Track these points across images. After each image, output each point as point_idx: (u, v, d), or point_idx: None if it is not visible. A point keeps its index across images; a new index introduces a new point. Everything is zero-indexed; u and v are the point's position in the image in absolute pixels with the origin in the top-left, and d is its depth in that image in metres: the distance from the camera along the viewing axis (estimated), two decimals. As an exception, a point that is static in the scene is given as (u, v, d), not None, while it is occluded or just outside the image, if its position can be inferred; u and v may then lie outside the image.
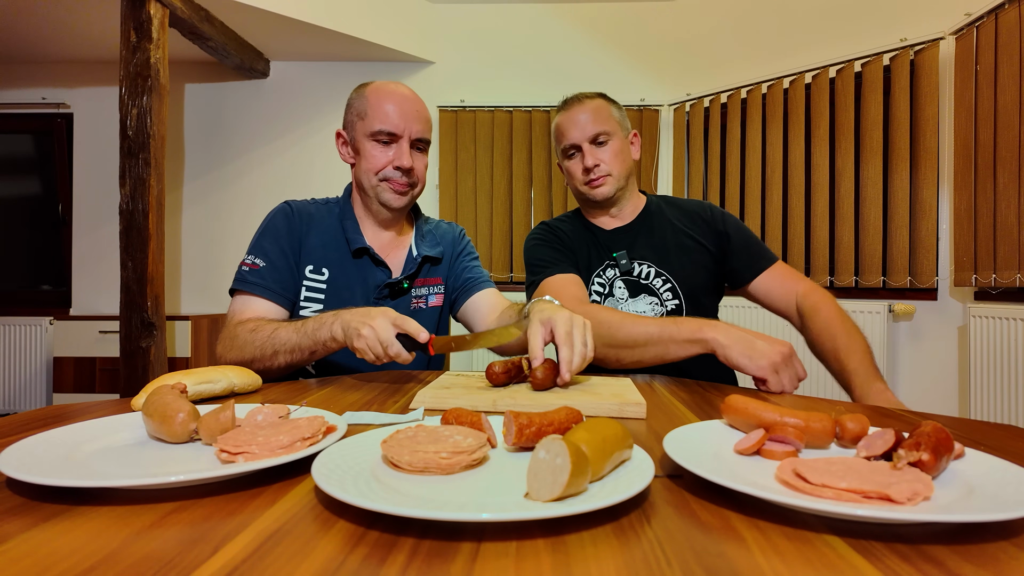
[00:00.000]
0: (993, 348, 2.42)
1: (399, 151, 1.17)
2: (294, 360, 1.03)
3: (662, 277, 1.32)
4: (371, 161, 1.18)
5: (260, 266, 1.15)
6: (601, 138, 1.31)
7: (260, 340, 1.04)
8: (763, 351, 0.95)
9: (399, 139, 1.17)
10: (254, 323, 1.07)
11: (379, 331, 0.91)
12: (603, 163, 1.31)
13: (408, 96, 1.19)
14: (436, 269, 1.31)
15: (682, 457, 0.48)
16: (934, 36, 2.67)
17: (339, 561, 0.34)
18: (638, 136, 1.41)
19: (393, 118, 1.16)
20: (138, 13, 2.73)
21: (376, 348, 0.91)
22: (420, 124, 1.19)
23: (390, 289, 1.23)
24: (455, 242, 1.36)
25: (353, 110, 1.21)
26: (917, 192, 2.75)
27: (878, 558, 0.35)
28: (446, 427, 0.54)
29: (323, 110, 3.83)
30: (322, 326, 0.99)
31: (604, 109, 1.33)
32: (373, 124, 1.16)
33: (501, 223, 3.70)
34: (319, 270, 1.20)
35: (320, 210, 1.26)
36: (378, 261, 1.22)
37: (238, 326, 1.08)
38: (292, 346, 1.02)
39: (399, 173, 1.18)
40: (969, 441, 0.61)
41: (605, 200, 1.33)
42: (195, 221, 3.87)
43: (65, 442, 0.55)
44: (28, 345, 3.70)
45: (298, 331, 1.01)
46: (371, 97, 1.18)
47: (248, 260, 1.16)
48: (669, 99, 3.63)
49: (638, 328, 1.06)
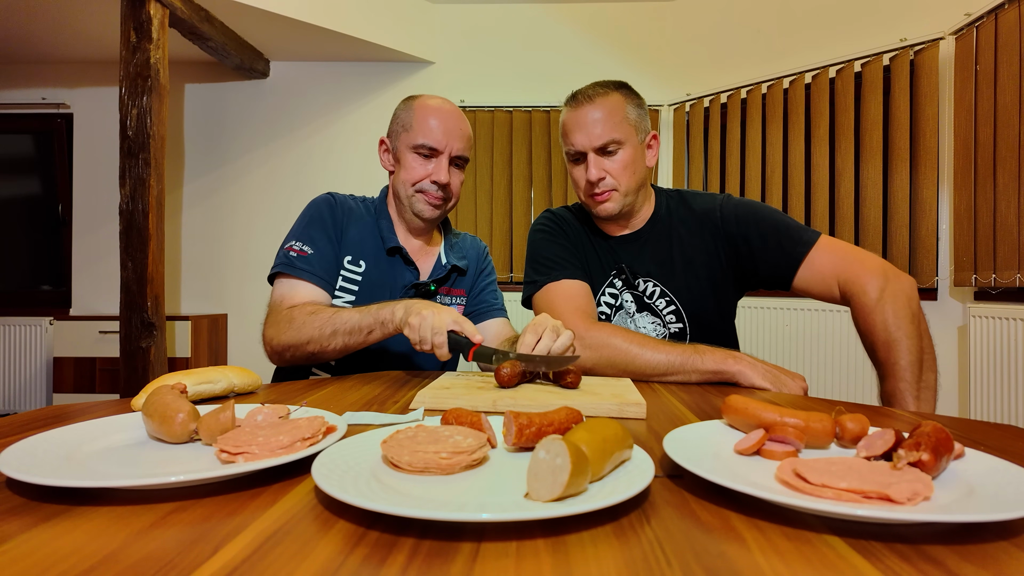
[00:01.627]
0: (993, 348, 2.42)
1: (438, 166, 1.20)
2: (351, 342, 1.05)
3: (666, 298, 1.24)
4: (410, 172, 1.21)
5: (308, 253, 1.17)
6: (610, 147, 1.16)
7: (320, 321, 1.05)
8: (788, 385, 0.98)
9: (440, 155, 1.20)
10: (313, 306, 1.09)
11: (436, 319, 0.93)
12: (609, 176, 1.17)
13: (453, 113, 1.22)
14: (461, 281, 1.33)
15: (682, 457, 0.48)
16: (934, 36, 2.67)
17: (339, 561, 0.34)
18: (657, 139, 1.24)
19: (436, 134, 1.19)
20: (138, 13, 2.73)
21: (425, 332, 0.93)
22: (462, 142, 1.22)
23: (416, 290, 1.25)
24: (479, 259, 1.39)
25: (399, 121, 1.24)
26: (917, 192, 2.75)
27: (878, 558, 0.35)
28: (446, 427, 0.54)
29: (323, 110, 3.83)
30: (385, 306, 1.03)
31: (618, 110, 1.17)
32: (416, 137, 1.19)
33: (501, 223, 3.70)
34: (356, 262, 1.22)
35: (359, 206, 1.29)
36: (408, 261, 1.25)
37: (294, 308, 1.10)
38: (352, 326, 1.04)
39: (435, 187, 1.20)
40: (969, 441, 0.61)
41: (608, 216, 1.22)
42: (195, 221, 3.87)
43: (65, 442, 0.55)
44: (28, 345, 3.70)
45: (362, 312, 1.04)
46: (418, 111, 1.21)
47: (296, 246, 1.17)
48: (669, 99, 3.63)
49: (659, 357, 1.02)
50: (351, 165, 3.78)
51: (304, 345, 1.06)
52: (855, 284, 1.07)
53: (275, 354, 1.11)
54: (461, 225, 3.66)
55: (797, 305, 3.08)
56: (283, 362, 1.12)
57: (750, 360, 1.01)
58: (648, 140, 1.23)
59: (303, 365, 1.23)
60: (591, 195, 1.20)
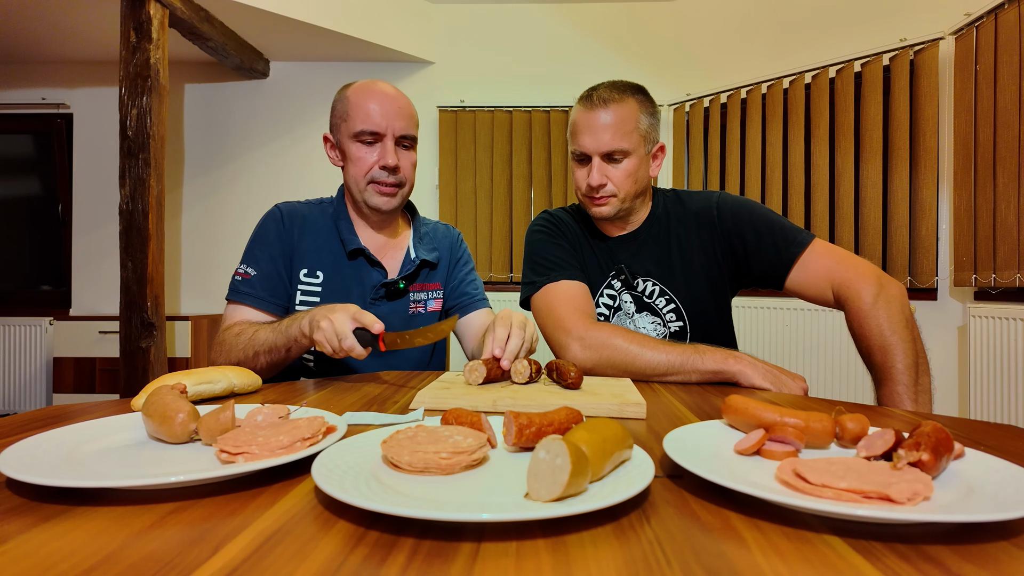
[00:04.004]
0: (993, 348, 2.42)
1: (383, 150, 1.16)
2: (273, 360, 1.05)
3: (666, 296, 1.24)
4: (357, 163, 1.17)
5: (251, 275, 1.16)
6: (616, 155, 1.16)
7: (243, 343, 1.05)
8: (789, 385, 0.98)
9: (383, 138, 1.16)
10: (239, 327, 1.09)
11: (336, 323, 0.92)
12: (611, 183, 1.17)
13: (389, 93, 1.18)
14: (434, 274, 1.30)
15: (682, 457, 0.48)
16: (934, 36, 2.67)
17: (339, 561, 0.34)
18: (664, 150, 1.25)
19: (375, 117, 1.15)
20: (138, 13, 2.73)
21: (332, 341, 0.92)
22: (403, 121, 1.17)
23: (386, 290, 1.22)
24: (452, 248, 1.35)
25: (336, 113, 1.20)
26: (917, 192, 2.75)
27: (878, 558, 0.35)
28: (446, 427, 0.54)
29: (323, 110, 3.83)
30: (293, 322, 1.01)
31: (631, 118, 1.16)
32: (355, 125, 1.15)
33: (501, 223, 3.70)
34: (313, 273, 1.20)
35: (313, 211, 1.25)
36: (373, 262, 1.22)
37: (225, 331, 1.11)
38: (269, 345, 1.03)
39: (385, 173, 1.17)
40: (969, 441, 0.61)
41: (604, 219, 1.23)
42: (195, 221, 3.87)
43: (65, 442, 0.55)
44: (28, 345, 3.70)
45: (275, 330, 1.04)
46: (352, 98, 1.17)
47: (240, 269, 1.18)
48: (669, 99, 3.63)
49: (659, 357, 1.03)
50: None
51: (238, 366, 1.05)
52: (849, 289, 1.08)
53: None
54: (461, 225, 3.65)
55: (797, 305, 3.08)
56: None
57: (750, 360, 1.01)
58: (655, 151, 1.23)
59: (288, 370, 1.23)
60: (589, 197, 1.21)
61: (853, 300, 1.07)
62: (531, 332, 0.98)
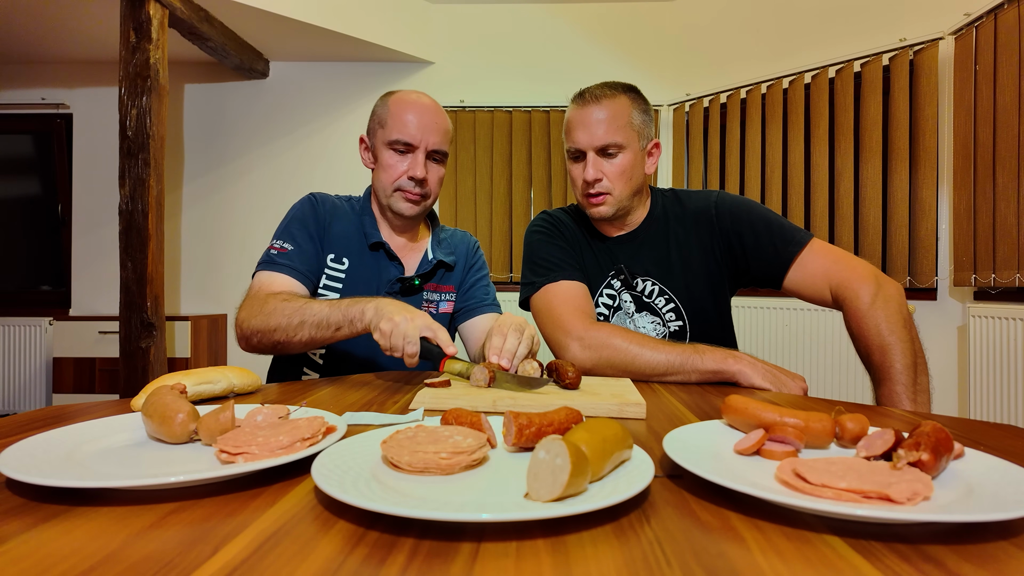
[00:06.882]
0: (992, 348, 2.42)
1: (414, 161, 1.19)
2: (317, 336, 1.03)
3: (665, 296, 1.24)
4: (387, 170, 1.20)
5: (288, 249, 1.17)
6: (611, 150, 1.17)
7: (290, 310, 1.04)
8: (789, 385, 0.99)
9: (415, 149, 1.19)
10: (288, 295, 1.08)
11: (408, 325, 0.90)
12: (605, 179, 1.18)
13: (429, 107, 1.21)
14: (450, 277, 1.32)
15: (682, 457, 0.48)
16: (933, 36, 2.67)
17: (339, 561, 0.34)
18: (659, 147, 1.24)
19: (411, 128, 1.18)
20: (138, 13, 2.73)
21: (396, 340, 0.91)
22: (438, 136, 1.20)
23: (402, 285, 1.24)
24: (468, 254, 1.37)
25: (376, 117, 1.23)
26: (916, 192, 2.75)
27: (878, 558, 0.35)
28: (446, 427, 0.54)
29: (323, 110, 3.83)
30: (355, 304, 1.00)
31: (623, 113, 1.17)
32: (391, 133, 1.18)
33: (501, 223, 3.70)
34: (340, 259, 1.22)
35: (343, 204, 1.29)
36: (392, 256, 1.24)
37: (270, 296, 1.08)
38: (321, 319, 1.02)
39: (412, 183, 1.19)
40: (969, 441, 0.61)
41: (602, 219, 1.23)
42: (195, 221, 3.87)
43: (65, 442, 0.55)
44: (28, 345, 3.70)
45: (332, 305, 1.02)
46: (392, 106, 1.20)
47: (276, 244, 1.18)
48: (669, 99, 3.63)
49: (659, 357, 1.03)
50: (350, 165, 3.78)
51: (271, 333, 1.04)
52: (848, 289, 1.09)
53: (243, 338, 1.09)
54: (461, 225, 3.66)
55: (797, 305, 3.08)
56: (250, 348, 1.10)
57: (750, 360, 1.01)
58: (650, 147, 1.24)
59: (294, 366, 1.23)
60: (586, 195, 1.21)
61: (851, 300, 1.08)
62: (530, 332, 0.98)
